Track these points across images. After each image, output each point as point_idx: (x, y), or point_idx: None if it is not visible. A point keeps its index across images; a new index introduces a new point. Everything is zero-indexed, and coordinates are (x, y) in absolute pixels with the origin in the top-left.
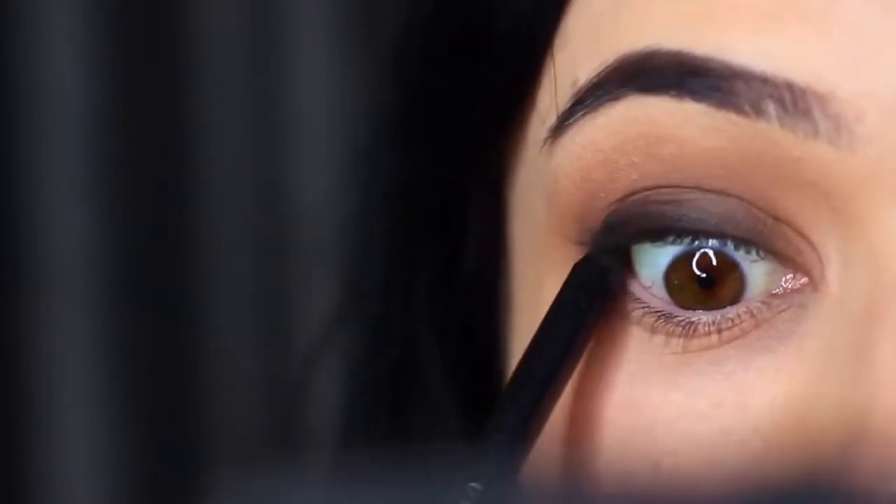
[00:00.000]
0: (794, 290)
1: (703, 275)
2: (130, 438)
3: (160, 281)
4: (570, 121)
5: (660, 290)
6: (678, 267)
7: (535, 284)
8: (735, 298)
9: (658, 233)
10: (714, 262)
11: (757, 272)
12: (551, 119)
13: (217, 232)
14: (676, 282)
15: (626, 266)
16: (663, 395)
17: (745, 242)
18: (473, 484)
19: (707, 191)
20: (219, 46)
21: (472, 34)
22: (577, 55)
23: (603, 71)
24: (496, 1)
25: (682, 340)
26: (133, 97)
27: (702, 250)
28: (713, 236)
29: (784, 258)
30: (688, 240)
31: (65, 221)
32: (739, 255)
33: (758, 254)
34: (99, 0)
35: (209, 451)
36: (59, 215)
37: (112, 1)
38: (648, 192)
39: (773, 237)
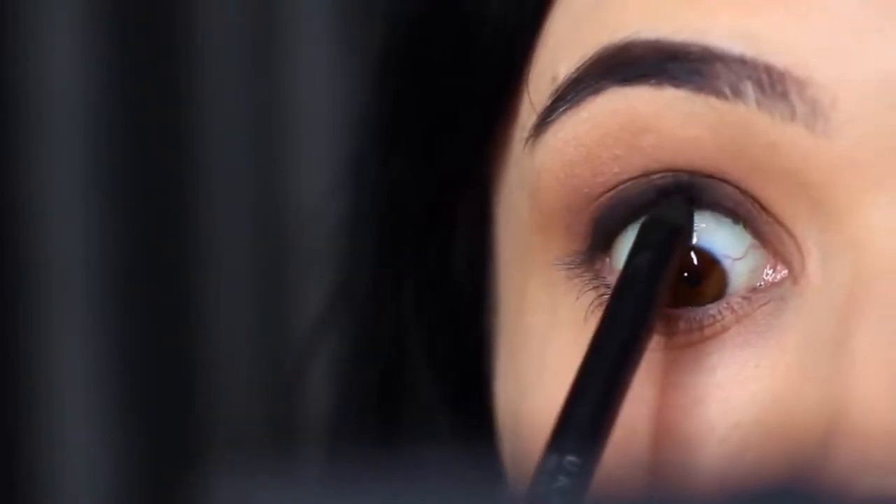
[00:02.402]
0: (774, 284)
1: (685, 274)
2: (130, 438)
3: (160, 282)
4: (552, 117)
5: None
6: None
7: (520, 286)
8: (717, 295)
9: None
10: (695, 262)
11: (740, 269)
12: (533, 117)
13: (216, 232)
14: None
15: (608, 257)
16: (644, 391)
17: (734, 216)
18: (571, 458)
19: (694, 173)
20: (219, 47)
21: (457, 37)
22: (557, 52)
23: (583, 65)
24: (481, 3)
25: (663, 337)
26: (133, 97)
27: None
28: (711, 176)
29: (769, 245)
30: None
31: (65, 221)
32: (721, 254)
33: (745, 228)
34: (99, 0)
35: (208, 450)
36: (60, 215)
37: (112, 1)
38: (633, 181)
39: (760, 219)
